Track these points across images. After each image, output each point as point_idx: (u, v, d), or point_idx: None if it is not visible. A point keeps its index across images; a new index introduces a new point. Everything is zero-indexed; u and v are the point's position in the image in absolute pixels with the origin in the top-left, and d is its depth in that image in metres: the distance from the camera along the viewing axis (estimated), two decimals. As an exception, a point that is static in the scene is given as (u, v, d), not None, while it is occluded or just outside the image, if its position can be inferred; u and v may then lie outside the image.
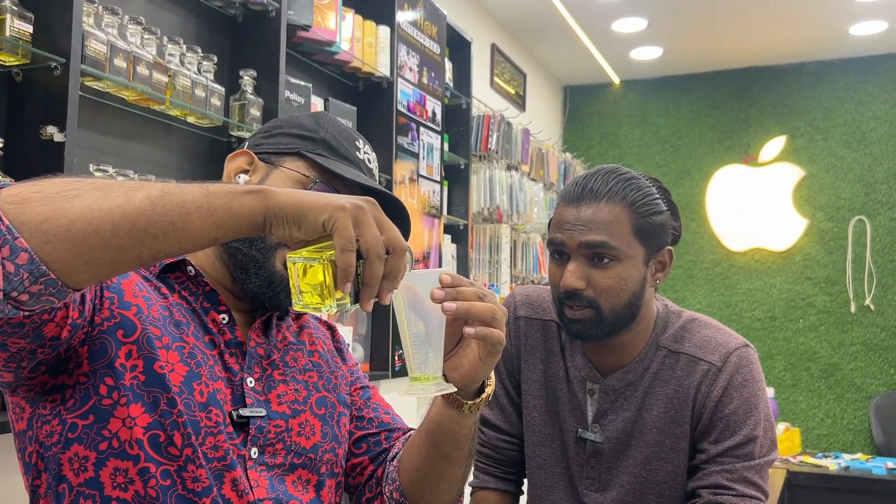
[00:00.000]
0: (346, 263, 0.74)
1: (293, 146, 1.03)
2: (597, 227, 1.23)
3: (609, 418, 1.34)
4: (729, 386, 1.29)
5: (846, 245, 4.73)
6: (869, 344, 4.65)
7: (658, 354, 1.34)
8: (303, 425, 1.02)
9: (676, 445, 1.31)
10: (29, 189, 0.72)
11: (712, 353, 1.32)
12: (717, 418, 1.29)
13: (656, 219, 1.27)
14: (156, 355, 0.91)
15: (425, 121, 3.00)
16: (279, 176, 1.01)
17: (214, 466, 0.92)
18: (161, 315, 0.94)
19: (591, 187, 1.26)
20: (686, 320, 1.37)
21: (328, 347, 1.15)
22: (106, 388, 0.89)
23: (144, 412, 0.89)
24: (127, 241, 0.72)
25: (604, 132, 5.35)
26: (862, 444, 4.59)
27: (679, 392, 1.31)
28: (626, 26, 4.36)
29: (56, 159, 1.53)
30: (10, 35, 1.49)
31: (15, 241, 0.69)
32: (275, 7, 2.15)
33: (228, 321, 1.00)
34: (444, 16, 3.19)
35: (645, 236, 1.26)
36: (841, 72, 4.80)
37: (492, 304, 0.90)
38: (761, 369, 1.35)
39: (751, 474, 1.26)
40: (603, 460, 1.34)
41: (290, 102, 2.23)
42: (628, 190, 1.26)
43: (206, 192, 0.75)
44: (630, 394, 1.33)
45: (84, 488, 0.89)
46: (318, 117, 1.08)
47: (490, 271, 3.82)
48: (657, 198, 1.29)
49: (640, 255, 1.26)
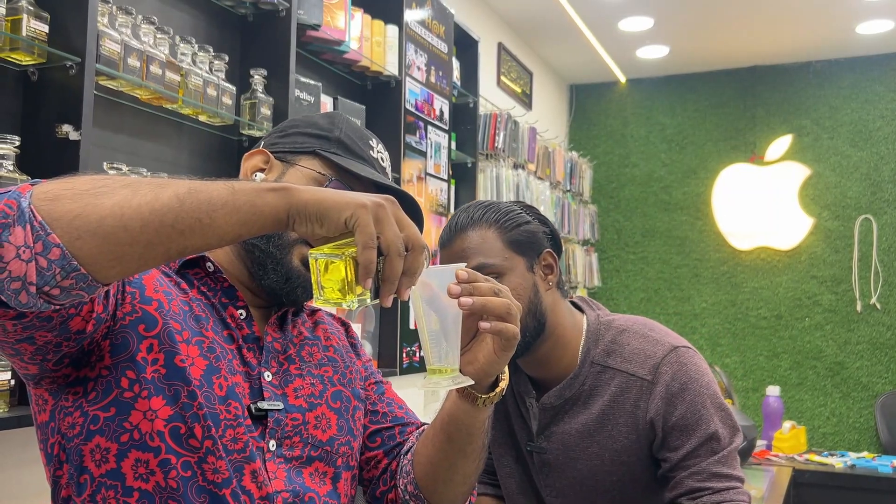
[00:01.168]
0: (367, 260, 0.76)
1: (308, 145, 1.05)
2: (470, 253, 1.30)
3: (552, 430, 1.37)
4: (667, 396, 1.30)
5: (852, 244, 4.73)
6: (875, 343, 4.65)
7: (592, 370, 1.35)
8: (319, 418, 1.04)
9: (618, 458, 1.33)
10: (60, 186, 0.74)
11: (642, 366, 1.33)
12: (667, 429, 1.30)
13: (523, 229, 1.33)
14: (176, 349, 0.93)
15: (433, 119, 3.02)
16: (295, 174, 1.03)
17: (234, 458, 0.94)
18: (181, 310, 0.96)
19: (456, 223, 1.33)
20: (616, 332, 1.38)
21: (343, 343, 1.17)
22: (127, 380, 0.91)
23: (165, 404, 0.91)
24: (155, 237, 0.73)
25: (610, 131, 5.36)
26: (868, 443, 4.60)
27: (615, 408, 1.33)
28: (632, 25, 4.37)
29: (71, 157, 1.55)
30: (26, 35, 1.51)
31: (48, 237, 0.70)
32: (285, 7, 2.16)
33: (246, 316, 1.02)
34: (451, 15, 3.20)
35: (518, 246, 1.32)
36: (847, 71, 4.80)
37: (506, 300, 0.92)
38: (699, 361, 1.35)
39: (719, 468, 1.28)
40: (552, 470, 1.38)
41: (300, 101, 2.25)
42: (489, 213, 1.33)
43: (232, 189, 0.76)
44: (569, 409, 1.36)
45: (106, 479, 0.90)
46: (333, 117, 1.09)
47: (497, 269, 3.83)
48: (519, 212, 1.35)
49: (520, 264, 1.31)
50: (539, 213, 1.39)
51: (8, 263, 0.70)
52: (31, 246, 0.70)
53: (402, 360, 2.76)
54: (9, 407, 1.48)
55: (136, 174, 1.73)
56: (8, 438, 1.55)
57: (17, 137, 1.49)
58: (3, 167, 1.46)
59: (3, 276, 0.70)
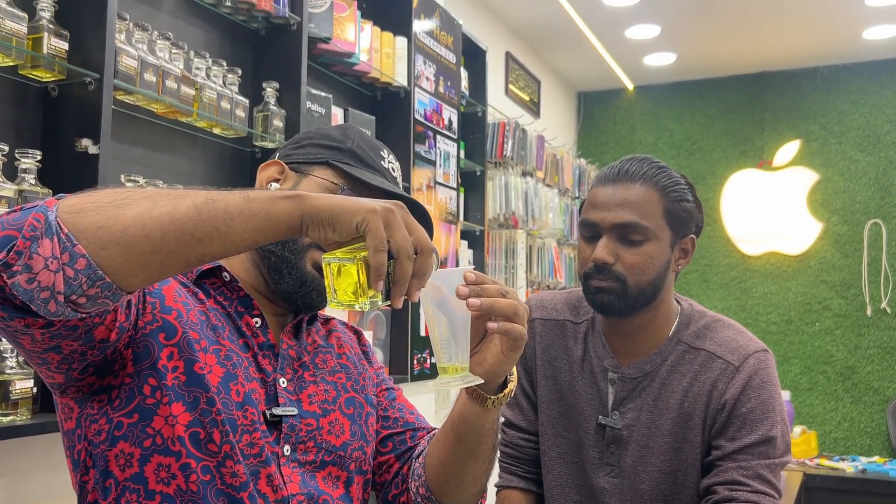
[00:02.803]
0: (378, 263, 0.79)
1: (321, 156, 1.08)
2: (629, 206, 1.31)
3: (627, 406, 1.39)
4: (747, 386, 1.33)
5: (862, 248, 4.73)
6: (885, 347, 4.64)
7: (677, 349, 1.39)
8: (333, 424, 1.07)
9: (688, 437, 1.35)
10: (84, 200, 0.77)
11: (732, 353, 1.36)
12: (733, 416, 1.32)
13: (684, 205, 1.35)
14: (195, 357, 0.96)
15: (442, 129, 3.05)
16: (309, 183, 1.06)
17: (251, 462, 0.96)
18: (199, 319, 0.99)
19: (626, 170, 1.34)
20: (710, 320, 1.42)
21: (355, 351, 1.19)
22: (149, 387, 0.93)
23: (185, 410, 0.94)
24: (175, 246, 0.77)
25: (618, 138, 5.38)
26: (880, 448, 4.59)
27: (695, 386, 1.36)
28: (639, 33, 4.40)
29: (90, 171, 1.59)
30: (47, 52, 1.55)
31: (74, 248, 0.74)
32: (296, 21, 2.21)
33: (261, 325, 1.05)
34: (459, 25, 3.25)
35: (673, 220, 1.34)
36: (855, 76, 4.81)
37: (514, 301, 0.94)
38: (777, 375, 1.39)
39: (766, 472, 1.30)
40: (621, 446, 1.39)
41: (312, 113, 2.29)
42: (661, 176, 1.33)
43: (247, 198, 0.80)
44: (647, 384, 1.38)
45: (130, 483, 0.93)
46: (345, 129, 1.13)
47: (506, 276, 3.86)
48: (685, 187, 1.36)
49: (667, 237, 1.34)
50: (696, 196, 1.40)
51: (37, 274, 0.73)
52: (59, 257, 0.73)
53: (413, 366, 2.79)
54: (31, 414, 1.52)
55: (152, 186, 1.78)
56: (31, 444, 1.59)
57: (38, 152, 1.54)
58: (26, 180, 1.51)
59: (33, 286, 0.73)
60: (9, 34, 1.48)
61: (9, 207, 1.46)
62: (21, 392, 1.48)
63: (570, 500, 1.44)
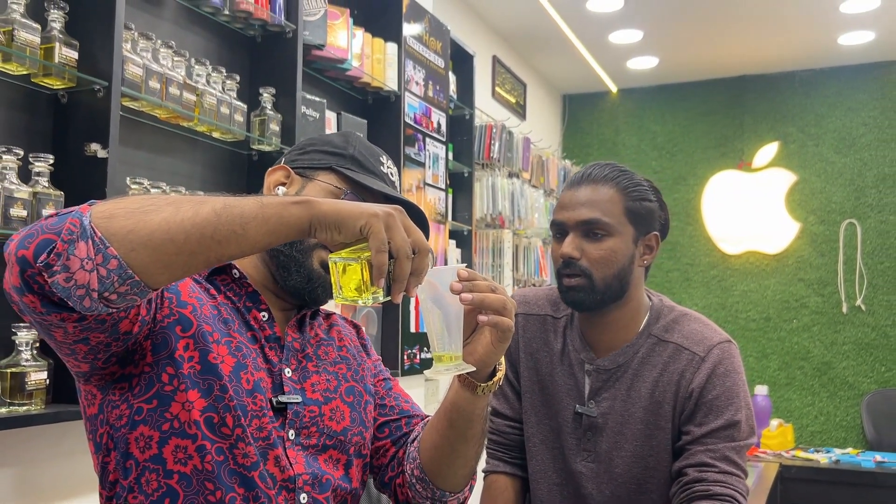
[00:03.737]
0: (380, 262, 0.88)
1: (325, 161, 1.16)
2: (592, 204, 1.43)
3: (602, 395, 1.49)
4: (712, 375, 1.44)
5: (837, 248, 4.87)
6: (860, 343, 4.79)
7: (648, 341, 1.49)
8: (334, 411, 1.15)
9: (659, 423, 1.46)
10: (114, 206, 0.86)
11: (697, 344, 1.47)
12: (700, 403, 1.43)
13: (645, 204, 1.47)
14: (209, 348, 1.03)
15: (431, 132, 3.15)
16: (314, 187, 1.14)
17: (260, 445, 1.05)
18: (211, 313, 1.07)
19: (590, 173, 1.47)
20: (678, 314, 1.53)
21: (354, 343, 1.28)
22: (167, 375, 1.01)
23: (200, 397, 1.01)
24: (197, 247, 0.85)
25: (602, 139, 5.50)
26: (854, 441, 4.73)
27: (664, 376, 1.46)
28: (622, 38, 4.51)
29: (100, 173, 1.68)
30: (58, 61, 1.64)
31: (107, 250, 0.82)
32: (291, 28, 2.30)
33: (268, 318, 1.13)
34: (447, 31, 3.34)
35: (634, 217, 1.45)
36: (831, 80, 4.95)
37: (502, 296, 1.03)
38: (742, 364, 1.49)
39: (732, 454, 1.40)
40: (597, 433, 1.49)
41: (307, 117, 2.38)
42: (622, 177, 1.46)
43: (261, 203, 0.88)
44: (620, 375, 1.49)
45: (149, 463, 1.01)
46: (347, 136, 1.21)
47: (493, 275, 3.96)
48: (647, 189, 1.48)
49: (629, 233, 1.45)
50: (661, 198, 1.52)
51: (74, 273, 0.82)
52: (93, 258, 0.82)
53: (403, 361, 2.89)
54: (45, 404, 1.60)
55: (156, 188, 1.86)
56: (44, 432, 1.67)
57: (50, 156, 1.62)
58: (39, 183, 1.59)
59: (70, 284, 0.82)
60: (23, 44, 1.57)
61: (24, 209, 1.54)
62: (35, 383, 1.57)
63: (552, 483, 1.54)
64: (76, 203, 0.85)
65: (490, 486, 1.62)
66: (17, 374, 1.55)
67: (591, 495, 1.49)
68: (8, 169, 1.54)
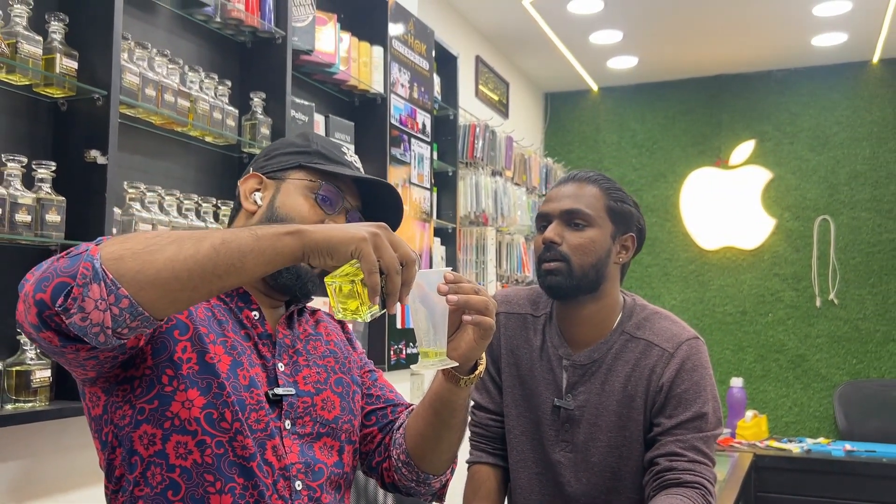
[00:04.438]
0: (373, 283, 0.95)
1: (293, 161, 1.23)
2: (576, 197, 1.56)
3: (579, 389, 1.59)
4: (680, 369, 1.54)
5: (811, 243, 5.01)
6: (833, 336, 4.93)
7: (621, 338, 1.59)
8: (325, 401, 1.23)
9: (631, 416, 1.56)
10: (121, 247, 0.92)
11: (667, 341, 1.57)
12: (670, 396, 1.53)
13: (624, 206, 1.59)
14: (206, 349, 1.10)
15: (416, 132, 3.23)
16: (288, 187, 1.21)
17: (258, 437, 1.13)
18: (206, 316, 1.14)
19: (576, 175, 1.61)
20: (649, 312, 1.63)
21: (340, 338, 1.36)
22: (167, 377, 1.08)
23: (200, 395, 1.08)
24: (199, 282, 0.93)
25: (583, 137, 5.60)
26: (827, 430, 4.88)
27: (636, 371, 1.56)
28: (602, 38, 4.61)
29: (99, 179, 1.74)
30: (59, 72, 1.70)
31: (118, 291, 0.90)
32: (281, 35, 2.37)
33: (259, 317, 1.20)
34: (431, 33, 3.41)
35: (614, 215, 1.58)
36: (805, 79, 5.08)
37: (485, 297, 1.12)
38: (709, 359, 1.60)
39: (700, 444, 1.51)
40: (574, 424, 1.59)
41: (296, 121, 2.46)
42: (605, 180, 1.60)
43: (256, 237, 0.94)
44: (595, 370, 1.59)
45: (154, 458, 1.09)
46: (307, 135, 1.28)
47: (477, 271, 4.05)
48: (626, 195, 1.62)
49: (608, 228, 1.57)
50: (640, 210, 1.65)
51: (89, 314, 0.89)
52: (106, 298, 0.89)
53: (390, 357, 2.97)
54: (49, 401, 1.67)
55: (152, 192, 1.93)
56: (47, 427, 1.75)
57: (52, 163, 1.68)
58: (42, 189, 1.66)
59: (86, 323, 0.89)
60: (26, 56, 1.63)
61: (28, 214, 1.61)
62: (40, 381, 1.64)
63: (532, 472, 1.64)
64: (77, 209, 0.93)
65: (473, 475, 1.71)
66: (22, 373, 1.62)
67: (569, 483, 1.59)
68: (13, 176, 1.61)
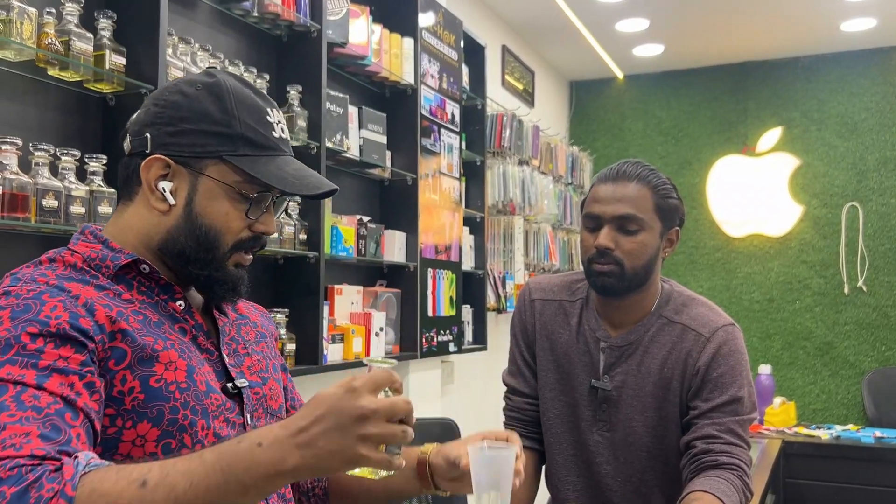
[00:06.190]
0: (385, 468, 0.87)
1: (210, 148, 1.00)
2: (627, 201, 1.57)
3: (616, 370, 1.63)
4: (716, 354, 1.57)
5: (840, 230, 4.99)
6: (861, 323, 4.92)
7: (658, 322, 1.63)
8: (272, 390, 1.14)
9: (668, 398, 1.60)
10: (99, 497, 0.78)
11: (703, 326, 1.60)
12: (706, 380, 1.56)
13: (671, 202, 1.61)
14: (150, 371, 0.96)
15: (445, 123, 3.26)
16: (206, 185, 1.01)
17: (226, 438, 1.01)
18: (140, 323, 0.98)
19: (623, 170, 1.60)
20: (686, 298, 1.67)
21: (258, 313, 1.25)
22: (108, 418, 0.93)
23: (152, 427, 0.95)
24: None
25: (608, 125, 5.60)
26: (855, 418, 4.87)
27: (672, 354, 1.60)
28: (628, 26, 4.61)
29: (147, 172, 1.80)
30: (108, 68, 1.76)
31: None
32: (316, 28, 2.41)
33: (185, 307, 1.06)
34: (460, 24, 3.44)
35: (662, 213, 1.59)
36: (833, 65, 5.04)
37: None
38: (744, 346, 1.63)
39: (736, 427, 1.54)
40: (611, 405, 1.63)
41: (331, 113, 2.50)
42: (652, 176, 1.60)
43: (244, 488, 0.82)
44: (632, 351, 1.62)
45: None
46: (222, 100, 1.01)
47: (504, 260, 4.09)
48: (671, 187, 1.63)
49: (658, 228, 1.59)
50: (680, 195, 1.66)
51: None
52: None
53: (422, 344, 3.02)
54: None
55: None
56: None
57: (104, 156, 1.74)
58: (94, 182, 1.72)
59: None
60: (78, 53, 1.68)
61: (82, 206, 1.66)
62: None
63: (567, 454, 1.68)
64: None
65: None
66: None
67: (605, 463, 1.63)
68: (67, 169, 1.67)
